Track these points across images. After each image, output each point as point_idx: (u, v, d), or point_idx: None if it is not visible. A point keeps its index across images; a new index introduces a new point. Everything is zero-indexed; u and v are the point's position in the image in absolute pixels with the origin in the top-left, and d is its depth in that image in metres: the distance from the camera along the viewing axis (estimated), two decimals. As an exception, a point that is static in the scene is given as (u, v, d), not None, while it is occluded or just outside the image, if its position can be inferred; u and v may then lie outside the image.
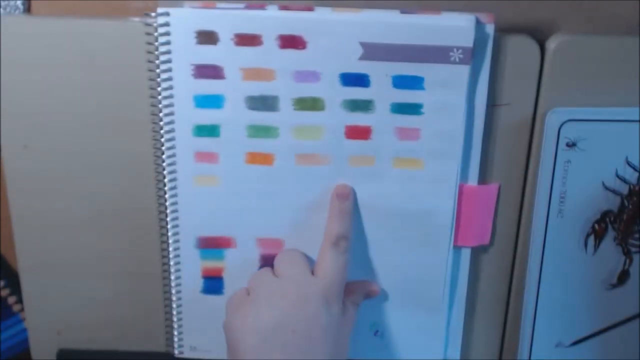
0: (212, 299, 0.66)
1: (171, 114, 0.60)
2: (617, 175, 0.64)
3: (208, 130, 0.61)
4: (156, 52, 0.59)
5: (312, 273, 0.60)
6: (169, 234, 0.63)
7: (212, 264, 0.65)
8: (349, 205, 0.62)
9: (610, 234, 0.65)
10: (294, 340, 0.56)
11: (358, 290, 0.64)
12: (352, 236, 0.62)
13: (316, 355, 0.56)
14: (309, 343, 0.56)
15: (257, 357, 0.55)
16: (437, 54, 0.58)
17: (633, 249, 0.66)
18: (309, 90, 0.60)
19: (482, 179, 0.64)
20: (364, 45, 0.58)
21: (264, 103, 0.60)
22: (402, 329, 0.67)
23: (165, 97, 0.60)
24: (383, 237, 0.64)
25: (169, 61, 0.59)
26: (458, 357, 0.69)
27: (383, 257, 0.64)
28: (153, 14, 0.59)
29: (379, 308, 0.66)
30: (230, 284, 0.65)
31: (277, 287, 0.58)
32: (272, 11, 0.58)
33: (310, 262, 0.62)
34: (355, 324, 0.63)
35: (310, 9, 0.58)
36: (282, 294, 0.57)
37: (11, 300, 0.75)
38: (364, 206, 0.63)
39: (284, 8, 0.59)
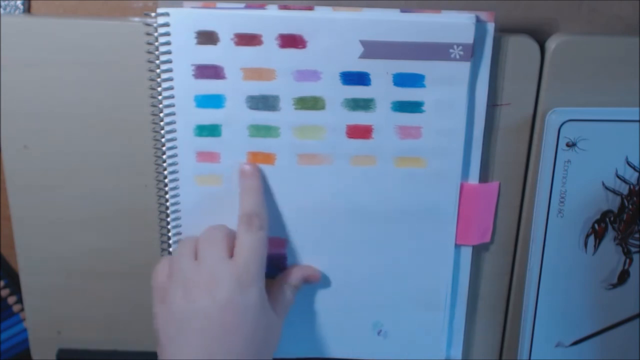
0: None
1: (172, 114, 0.60)
2: (617, 175, 0.64)
3: (209, 130, 0.61)
4: (156, 52, 0.59)
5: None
6: (170, 233, 0.63)
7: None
8: (256, 181, 0.61)
9: (610, 234, 0.65)
10: (210, 326, 0.55)
11: (297, 274, 0.64)
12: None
13: (234, 341, 0.55)
14: (224, 328, 0.55)
15: (176, 347, 0.55)
16: (437, 51, 0.58)
17: (633, 249, 0.66)
18: (309, 89, 0.60)
19: (483, 179, 0.64)
20: (364, 43, 0.58)
21: (264, 103, 0.60)
22: (405, 328, 0.67)
23: (166, 97, 0.60)
24: (385, 236, 0.64)
25: (169, 61, 0.59)
26: (460, 357, 0.69)
27: (385, 256, 0.65)
28: (153, 14, 0.59)
29: (382, 307, 0.66)
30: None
31: (192, 273, 0.57)
32: (272, 11, 0.58)
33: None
34: (357, 323, 0.64)
35: (310, 8, 0.59)
36: (196, 280, 0.57)
37: (11, 300, 0.75)
38: (366, 205, 0.63)
39: (283, 7, 0.59)
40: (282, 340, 0.65)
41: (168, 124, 0.61)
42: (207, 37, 0.59)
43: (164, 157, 0.62)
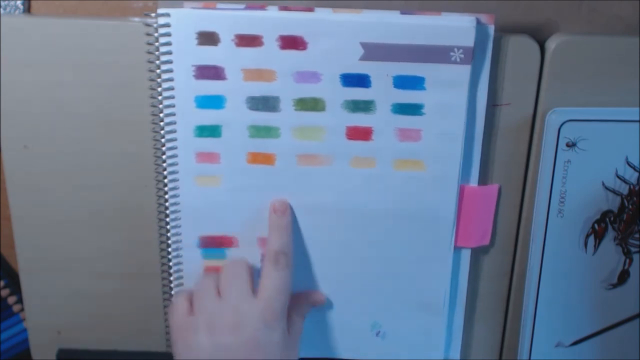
0: None
1: (172, 114, 0.60)
2: (617, 175, 0.64)
3: (209, 131, 0.61)
4: (156, 53, 0.59)
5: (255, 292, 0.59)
6: (170, 233, 0.63)
7: (214, 263, 0.65)
8: (287, 220, 0.62)
9: (610, 234, 0.65)
10: None
11: (303, 301, 0.64)
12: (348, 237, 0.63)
13: None
14: None
15: None
16: (438, 54, 0.58)
17: (633, 249, 0.66)
18: (309, 90, 0.60)
19: (483, 179, 0.64)
20: (364, 45, 0.58)
21: (264, 104, 0.60)
22: (403, 329, 0.67)
23: (166, 98, 0.60)
24: (384, 238, 0.64)
25: (169, 62, 0.59)
26: (458, 357, 0.69)
27: (384, 257, 0.65)
28: (153, 15, 0.59)
29: (381, 309, 0.66)
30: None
31: (216, 311, 0.58)
32: (273, 12, 0.58)
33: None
34: (356, 324, 0.64)
35: (310, 10, 0.58)
36: (220, 318, 0.57)
37: (11, 300, 0.75)
38: (365, 207, 0.63)
39: (284, 9, 0.59)
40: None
41: (168, 124, 0.61)
42: (207, 38, 0.58)
43: (164, 157, 0.62)
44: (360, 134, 0.61)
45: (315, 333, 0.67)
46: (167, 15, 0.58)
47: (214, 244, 0.64)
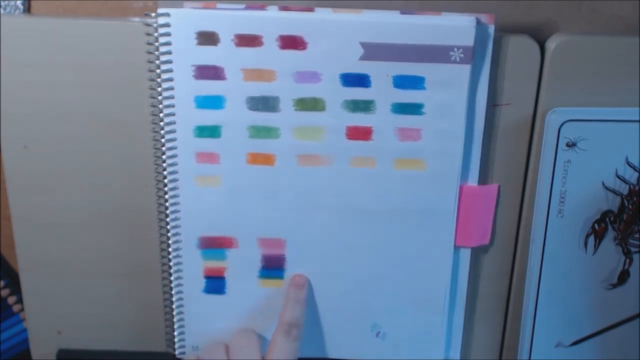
0: (214, 298, 0.66)
1: (172, 114, 0.60)
2: (617, 175, 0.64)
3: (209, 131, 0.61)
4: (156, 53, 0.59)
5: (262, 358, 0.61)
6: (170, 234, 0.63)
7: (214, 264, 0.65)
8: (304, 294, 0.64)
9: (610, 234, 0.65)
10: None
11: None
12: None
13: None
14: None
15: None
16: (437, 54, 0.58)
17: (633, 249, 0.66)
18: (309, 90, 0.60)
19: (482, 179, 0.64)
20: (364, 45, 0.58)
21: (264, 104, 0.60)
22: (403, 329, 0.67)
23: (166, 98, 0.60)
24: (384, 238, 0.64)
25: (169, 62, 0.59)
26: (458, 358, 0.69)
27: (384, 257, 0.65)
28: (153, 14, 0.59)
29: (381, 309, 0.66)
30: (232, 284, 0.66)
31: None
32: (273, 12, 0.58)
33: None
34: (356, 324, 0.64)
35: (310, 10, 0.58)
36: None
37: (11, 300, 0.75)
38: (365, 207, 0.63)
39: (284, 9, 0.59)
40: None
41: (168, 124, 0.61)
42: (207, 38, 0.58)
43: (164, 157, 0.62)
44: (360, 133, 0.61)
45: (315, 333, 0.67)
46: (167, 15, 0.58)
47: (213, 245, 0.64)
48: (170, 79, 0.60)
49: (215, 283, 0.65)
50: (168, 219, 0.63)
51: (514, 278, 0.68)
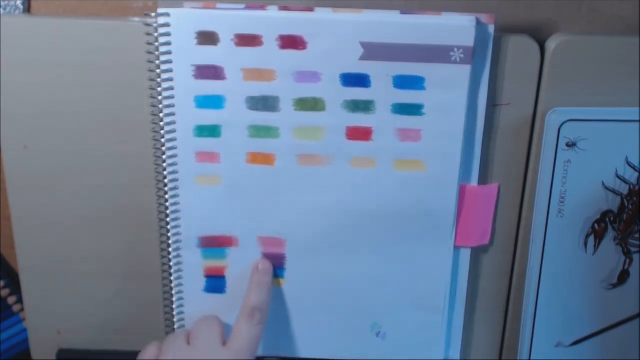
0: (215, 297, 0.66)
1: (172, 114, 0.60)
2: (617, 175, 0.64)
3: (209, 131, 0.61)
4: (156, 53, 0.59)
5: (224, 343, 0.60)
6: (170, 233, 0.63)
7: (214, 263, 0.65)
8: (268, 279, 0.63)
9: (610, 234, 0.65)
10: None
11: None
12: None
13: None
14: None
15: None
16: (438, 54, 0.58)
17: (633, 249, 0.66)
18: (309, 90, 0.60)
19: (482, 179, 0.64)
20: (364, 45, 0.58)
21: (264, 103, 0.60)
22: (403, 329, 0.67)
23: (166, 98, 0.60)
24: (384, 239, 0.64)
25: (169, 62, 0.59)
26: (458, 357, 0.69)
27: (384, 258, 0.65)
28: (153, 14, 0.59)
29: (381, 309, 0.66)
30: (233, 283, 0.66)
31: (185, 355, 0.59)
32: (272, 12, 0.58)
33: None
34: (356, 324, 0.64)
35: (310, 10, 0.58)
36: None
37: (11, 300, 0.75)
38: (365, 207, 0.63)
39: (284, 8, 0.59)
40: (281, 340, 0.66)
41: (168, 124, 0.61)
42: (207, 38, 0.58)
43: (164, 157, 0.62)
44: (360, 134, 0.61)
45: (315, 333, 0.67)
46: (167, 15, 0.58)
47: (214, 244, 0.64)
48: (170, 79, 0.60)
49: (215, 282, 0.66)
50: (168, 219, 0.63)
51: (514, 278, 0.68)
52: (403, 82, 0.59)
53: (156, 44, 0.59)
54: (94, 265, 0.68)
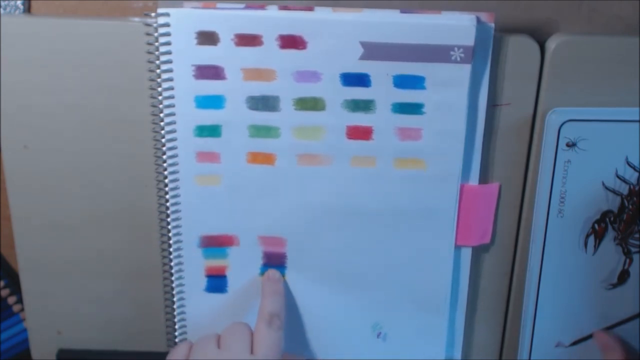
0: (216, 297, 0.66)
1: (172, 114, 0.60)
2: (617, 175, 0.64)
3: (209, 131, 0.61)
4: (156, 53, 0.59)
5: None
6: (171, 233, 0.63)
7: (215, 262, 0.65)
8: (280, 286, 0.64)
9: (610, 234, 0.65)
10: None
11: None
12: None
13: None
14: None
15: None
16: (438, 53, 0.58)
17: (633, 249, 0.66)
18: (309, 90, 0.60)
19: (483, 179, 0.64)
20: (364, 45, 0.58)
21: (264, 103, 0.60)
22: (404, 330, 0.67)
23: (166, 98, 0.60)
24: (384, 238, 0.64)
25: (169, 62, 0.59)
26: (460, 357, 0.69)
27: (385, 258, 0.65)
28: (153, 14, 0.59)
29: (382, 309, 0.66)
30: (234, 282, 0.66)
31: (215, 357, 0.59)
32: (272, 11, 0.58)
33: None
34: (357, 325, 0.64)
35: (310, 9, 0.58)
36: None
37: (11, 300, 0.75)
38: (365, 206, 0.63)
39: (284, 8, 0.59)
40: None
41: (168, 124, 0.61)
42: (207, 38, 0.58)
43: (164, 157, 0.62)
44: (360, 133, 0.61)
45: (316, 334, 0.67)
46: (167, 15, 0.58)
47: (214, 244, 0.64)
48: (170, 79, 0.60)
49: (216, 282, 0.66)
50: (169, 219, 0.63)
51: (514, 278, 0.68)
52: (403, 82, 0.59)
53: (156, 44, 0.59)
54: (94, 265, 0.68)
